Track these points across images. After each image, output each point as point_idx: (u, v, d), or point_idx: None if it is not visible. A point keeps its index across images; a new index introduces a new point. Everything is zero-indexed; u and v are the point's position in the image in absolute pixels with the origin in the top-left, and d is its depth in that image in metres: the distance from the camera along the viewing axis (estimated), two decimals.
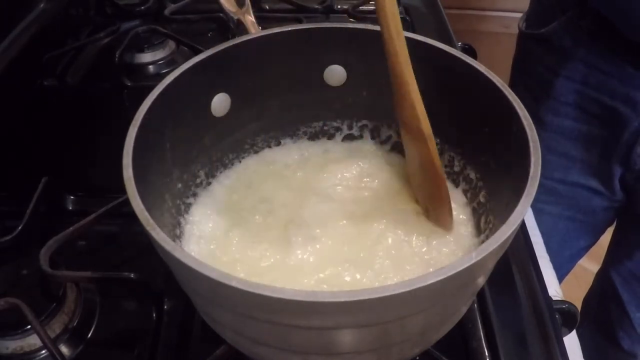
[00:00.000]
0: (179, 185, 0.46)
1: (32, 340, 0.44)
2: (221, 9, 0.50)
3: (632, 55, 0.66)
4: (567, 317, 0.51)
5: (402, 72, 0.41)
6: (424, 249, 0.44)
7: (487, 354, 0.45)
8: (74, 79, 0.77)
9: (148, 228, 0.32)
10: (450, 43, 0.79)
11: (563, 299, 0.54)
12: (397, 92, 0.42)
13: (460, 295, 0.36)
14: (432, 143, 0.44)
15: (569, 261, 0.96)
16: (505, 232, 0.31)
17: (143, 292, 0.48)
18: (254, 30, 0.48)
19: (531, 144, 0.36)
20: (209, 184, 0.50)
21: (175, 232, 0.45)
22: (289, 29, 0.47)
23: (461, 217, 0.47)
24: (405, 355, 0.41)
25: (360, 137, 0.54)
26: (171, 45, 0.80)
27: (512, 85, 0.85)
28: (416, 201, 0.48)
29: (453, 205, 0.47)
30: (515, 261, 0.51)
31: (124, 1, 0.90)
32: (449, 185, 0.50)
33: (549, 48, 0.75)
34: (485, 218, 0.45)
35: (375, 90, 0.50)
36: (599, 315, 0.98)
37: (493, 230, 0.41)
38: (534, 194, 0.33)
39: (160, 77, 0.43)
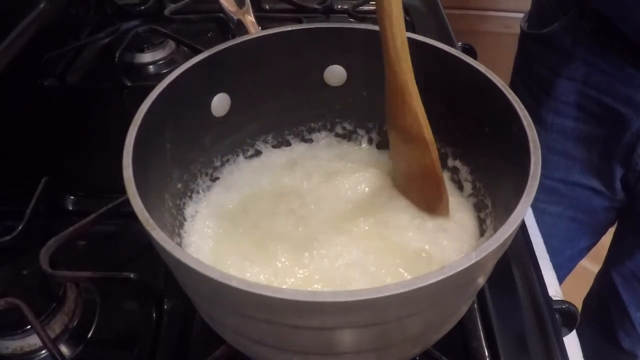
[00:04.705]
0: (179, 186, 0.46)
1: (32, 340, 0.44)
2: (221, 9, 0.50)
3: (633, 56, 0.66)
4: (567, 317, 0.51)
5: (406, 83, 0.40)
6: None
7: (487, 354, 0.45)
8: (74, 79, 0.77)
9: (148, 228, 0.32)
10: (450, 43, 0.79)
11: (563, 299, 0.54)
12: (398, 100, 0.42)
13: (460, 295, 0.36)
14: (435, 149, 0.43)
15: (570, 261, 0.96)
16: (505, 232, 0.31)
17: (143, 292, 0.48)
18: (254, 30, 0.48)
19: (531, 144, 0.36)
20: (209, 184, 0.50)
21: (175, 232, 0.45)
22: (289, 29, 0.47)
23: (461, 217, 0.47)
24: (405, 355, 0.41)
25: (361, 137, 0.54)
26: (171, 45, 0.80)
27: (513, 85, 0.85)
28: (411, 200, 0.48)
29: (452, 205, 0.47)
30: (515, 261, 0.51)
31: (124, 1, 0.90)
32: (448, 186, 0.50)
33: (551, 48, 0.75)
34: (485, 218, 0.45)
35: (375, 90, 0.50)
36: (599, 315, 0.98)
37: (493, 230, 0.41)
38: (534, 194, 0.33)
39: (160, 77, 0.43)
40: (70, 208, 0.58)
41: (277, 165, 0.52)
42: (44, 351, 0.44)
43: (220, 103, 0.47)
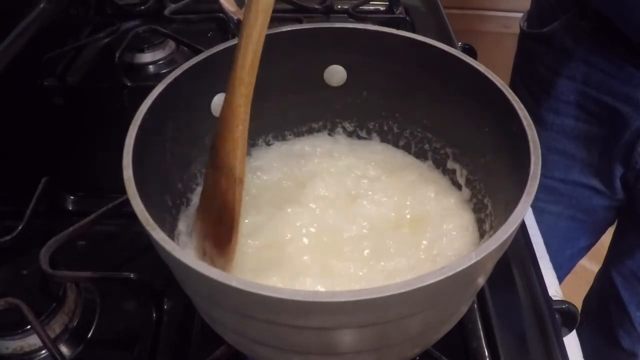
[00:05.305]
0: (179, 185, 0.46)
1: (32, 340, 0.44)
2: (221, 9, 0.50)
3: (633, 55, 0.66)
4: (567, 317, 0.51)
5: (239, 109, 0.38)
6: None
7: (487, 354, 0.45)
8: (74, 79, 0.77)
9: (148, 228, 0.32)
10: (450, 43, 0.79)
11: (563, 299, 0.54)
12: (226, 121, 0.39)
13: (460, 295, 0.36)
14: (241, 191, 0.40)
15: (570, 260, 0.96)
16: (506, 232, 0.31)
17: (143, 292, 0.48)
18: None
19: (531, 144, 0.36)
20: None
21: (176, 232, 0.45)
22: (289, 29, 0.47)
23: (461, 217, 0.47)
24: (405, 355, 0.41)
25: (361, 137, 0.54)
26: (171, 45, 0.80)
27: (513, 85, 0.85)
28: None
29: (452, 204, 0.47)
30: (515, 261, 0.51)
31: (124, 1, 0.90)
32: (447, 186, 0.50)
33: (550, 48, 0.75)
34: (485, 218, 0.45)
35: (375, 90, 0.50)
36: (599, 315, 0.98)
37: (493, 230, 0.41)
38: (534, 193, 0.33)
39: (160, 77, 0.43)
40: (70, 208, 0.58)
41: (277, 165, 0.52)
42: (44, 351, 0.44)
43: (220, 103, 0.47)
